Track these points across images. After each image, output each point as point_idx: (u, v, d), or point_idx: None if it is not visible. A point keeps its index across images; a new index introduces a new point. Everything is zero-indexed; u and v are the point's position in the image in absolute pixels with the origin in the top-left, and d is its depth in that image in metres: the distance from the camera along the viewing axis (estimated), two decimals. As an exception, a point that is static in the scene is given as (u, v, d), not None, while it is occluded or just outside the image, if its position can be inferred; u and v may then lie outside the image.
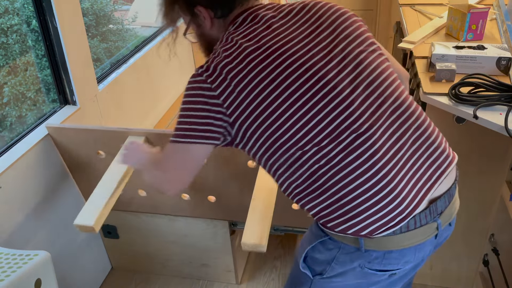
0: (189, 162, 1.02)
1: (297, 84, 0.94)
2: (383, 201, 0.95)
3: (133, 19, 3.93)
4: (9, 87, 2.07)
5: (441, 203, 1.01)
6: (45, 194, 1.69)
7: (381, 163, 0.94)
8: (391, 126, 0.97)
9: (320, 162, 0.95)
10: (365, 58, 0.99)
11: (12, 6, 2.12)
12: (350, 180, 0.95)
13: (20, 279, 0.96)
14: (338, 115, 0.94)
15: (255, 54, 0.95)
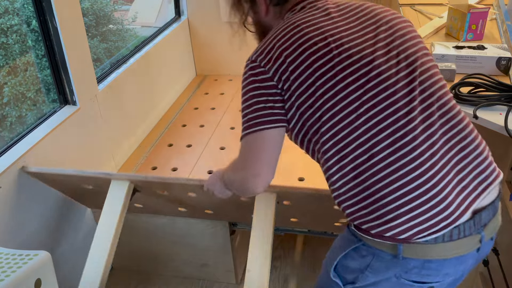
0: (266, 151, 0.99)
1: (355, 76, 0.93)
2: (427, 204, 0.90)
3: (133, 19, 3.94)
4: (9, 87, 2.08)
5: (486, 215, 0.96)
6: (45, 193, 1.69)
7: (427, 166, 0.91)
8: (439, 130, 0.95)
9: (364, 156, 0.92)
10: (420, 62, 0.98)
11: (12, 6, 2.12)
12: (393, 179, 0.91)
13: (20, 279, 0.96)
14: (388, 113, 0.93)
15: (315, 39, 0.95)
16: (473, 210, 0.95)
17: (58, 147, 1.74)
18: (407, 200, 0.91)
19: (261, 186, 1.01)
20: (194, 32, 3.06)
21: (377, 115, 0.92)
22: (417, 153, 0.91)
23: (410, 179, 0.91)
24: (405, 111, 0.93)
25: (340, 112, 0.93)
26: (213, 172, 1.27)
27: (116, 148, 2.16)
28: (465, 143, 0.96)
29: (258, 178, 1.00)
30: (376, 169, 0.92)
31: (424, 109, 0.94)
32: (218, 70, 3.15)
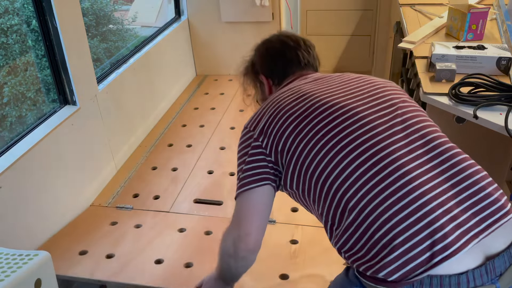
0: (257, 208, 1.07)
1: (327, 120, 0.99)
2: (420, 237, 0.85)
3: (133, 19, 3.94)
4: (9, 87, 2.07)
5: (500, 262, 0.88)
6: (45, 193, 1.69)
7: (422, 201, 0.87)
8: (427, 164, 0.93)
9: (355, 197, 0.91)
10: (400, 105, 1.03)
11: (12, 6, 2.12)
12: (387, 217, 0.87)
13: (20, 279, 0.96)
14: (373, 151, 0.93)
15: (293, 102, 1.06)
16: (485, 255, 0.88)
17: (58, 147, 1.74)
18: (400, 236, 0.86)
19: (253, 244, 1.06)
20: (194, 32, 3.06)
21: (360, 155, 0.94)
22: (410, 188, 0.89)
23: (404, 215, 0.87)
24: (396, 155, 0.93)
25: (323, 158, 0.97)
26: (203, 279, 1.27)
27: (116, 148, 2.16)
28: (461, 177, 0.93)
29: (249, 236, 1.05)
30: (364, 206, 0.90)
31: (412, 147, 0.95)
32: (218, 70, 3.15)
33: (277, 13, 2.87)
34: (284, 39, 1.27)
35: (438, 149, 0.96)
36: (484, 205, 0.90)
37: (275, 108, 1.06)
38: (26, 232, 1.60)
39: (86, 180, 1.94)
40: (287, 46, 1.25)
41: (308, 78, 1.16)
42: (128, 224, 1.80)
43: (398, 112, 1.00)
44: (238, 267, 1.11)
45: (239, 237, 1.06)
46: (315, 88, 1.08)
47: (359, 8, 3.93)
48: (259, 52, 1.31)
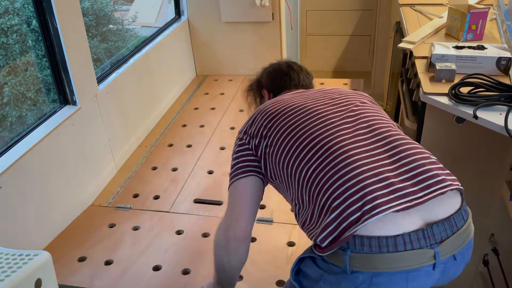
0: (244, 196, 1.19)
1: (292, 117, 1.16)
2: (355, 204, 0.93)
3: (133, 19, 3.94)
4: (9, 87, 2.07)
5: (439, 229, 0.93)
6: (45, 193, 1.69)
7: (358, 171, 0.97)
8: (370, 145, 1.05)
9: (310, 177, 1.04)
10: (355, 107, 1.18)
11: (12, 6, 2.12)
12: (327, 187, 0.98)
13: (20, 279, 0.95)
14: (324, 140, 1.07)
15: (271, 107, 1.23)
16: (425, 221, 0.93)
17: (58, 147, 1.74)
18: (339, 199, 0.95)
19: (241, 231, 1.15)
20: (194, 32, 3.06)
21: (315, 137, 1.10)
22: (349, 161, 1.00)
23: (341, 182, 0.97)
24: (340, 133, 1.08)
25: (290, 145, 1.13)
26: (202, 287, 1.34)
27: (116, 148, 2.16)
28: (403, 155, 1.02)
29: (239, 221, 1.16)
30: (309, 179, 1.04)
31: (355, 129, 1.09)
32: (218, 70, 3.15)
33: (277, 13, 2.87)
34: (290, 63, 1.50)
35: (383, 135, 1.07)
36: (423, 177, 0.97)
37: (258, 113, 1.25)
38: (26, 232, 1.60)
39: (86, 180, 1.94)
40: (292, 68, 1.47)
41: (297, 93, 1.33)
42: (126, 226, 1.80)
43: (353, 110, 1.16)
44: (230, 260, 1.18)
45: (229, 224, 1.17)
46: (293, 98, 1.26)
47: (359, 8, 3.93)
48: (267, 71, 1.52)
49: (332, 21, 4.05)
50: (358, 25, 4.02)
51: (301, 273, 1.06)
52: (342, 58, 4.24)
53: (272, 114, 1.21)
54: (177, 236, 1.73)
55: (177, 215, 1.85)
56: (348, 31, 4.07)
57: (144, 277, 1.54)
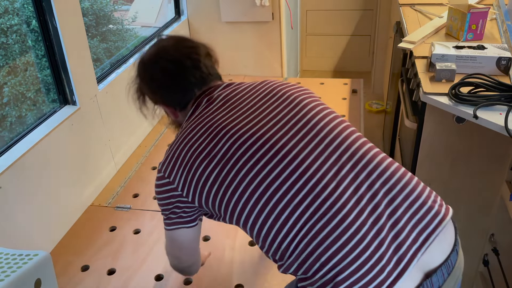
0: (179, 245, 1.11)
1: (239, 153, 0.93)
2: (359, 271, 0.83)
3: (133, 19, 3.93)
4: (9, 87, 2.07)
5: (437, 277, 0.86)
6: (45, 193, 1.69)
7: (353, 229, 0.85)
8: (360, 186, 0.89)
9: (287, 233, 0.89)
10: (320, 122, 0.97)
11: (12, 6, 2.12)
12: (320, 252, 0.85)
13: (20, 279, 0.95)
14: (295, 177, 0.89)
15: (196, 136, 0.99)
16: (424, 272, 0.86)
17: (58, 147, 1.74)
18: (339, 270, 0.84)
19: (195, 271, 1.28)
20: (194, 32, 3.06)
21: (281, 185, 0.90)
22: (340, 217, 0.86)
23: (338, 247, 0.85)
24: (319, 175, 0.89)
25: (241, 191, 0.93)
26: None
27: (116, 148, 2.16)
28: (395, 193, 0.89)
29: (192, 268, 1.23)
30: (299, 241, 0.88)
31: (337, 168, 0.90)
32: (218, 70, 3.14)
33: (277, 13, 2.87)
34: (178, 59, 1.08)
35: (363, 161, 0.92)
36: (421, 216, 0.88)
37: (186, 151, 0.98)
38: (26, 232, 1.59)
39: (86, 180, 1.94)
40: (183, 70, 1.08)
41: (215, 101, 1.05)
42: (127, 229, 1.79)
43: (314, 128, 0.95)
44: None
45: (181, 270, 1.25)
46: (223, 116, 1.00)
47: (359, 8, 3.93)
48: (146, 84, 1.16)
49: (332, 21, 4.05)
50: (358, 25, 4.02)
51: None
52: (342, 58, 4.24)
53: (210, 156, 0.94)
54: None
55: (177, 215, 1.85)
56: (348, 31, 4.07)
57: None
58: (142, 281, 1.55)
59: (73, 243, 1.74)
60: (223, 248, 1.66)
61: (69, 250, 1.70)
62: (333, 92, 2.79)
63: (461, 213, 1.78)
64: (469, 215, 1.78)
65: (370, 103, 3.60)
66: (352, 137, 0.95)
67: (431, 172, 1.73)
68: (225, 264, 1.59)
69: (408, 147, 1.92)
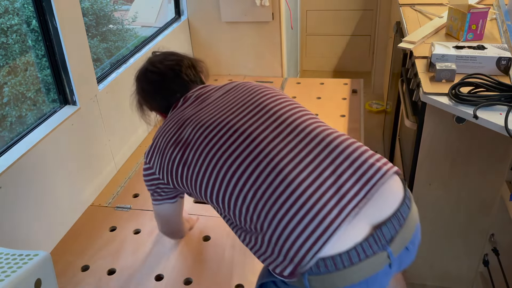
0: (163, 216, 1.40)
1: (205, 143, 1.07)
2: (303, 220, 0.92)
3: (133, 19, 3.93)
4: (9, 87, 2.07)
5: (387, 228, 0.93)
6: (45, 193, 1.69)
7: (300, 190, 0.94)
8: (302, 150, 1.00)
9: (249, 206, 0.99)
10: (278, 108, 1.11)
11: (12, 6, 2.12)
12: (269, 208, 0.95)
13: (20, 279, 0.95)
14: (249, 151, 1.02)
15: (167, 128, 1.18)
16: (372, 225, 0.93)
17: (58, 147, 1.74)
18: (292, 227, 0.92)
19: (181, 237, 1.60)
20: (194, 32, 3.06)
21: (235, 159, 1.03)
22: (288, 182, 0.96)
23: (287, 208, 0.94)
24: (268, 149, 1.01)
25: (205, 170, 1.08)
26: None
27: (116, 148, 2.16)
28: (335, 155, 0.99)
29: (177, 234, 1.55)
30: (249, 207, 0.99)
31: (280, 139, 1.03)
32: (218, 70, 3.15)
33: (277, 13, 2.87)
34: (162, 71, 1.30)
35: (310, 135, 1.04)
36: (362, 172, 0.96)
37: (160, 141, 1.17)
38: (26, 232, 1.59)
39: (86, 180, 1.94)
40: (165, 79, 1.29)
41: (188, 100, 1.23)
42: (127, 229, 1.79)
43: (269, 112, 1.09)
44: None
45: (169, 234, 1.56)
46: (191, 110, 1.17)
47: (359, 8, 3.93)
48: (140, 94, 1.38)
49: (332, 21, 4.05)
50: (358, 25, 4.02)
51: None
52: (342, 58, 4.24)
53: (181, 143, 1.10)
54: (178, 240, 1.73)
55: (177, 215, 1.85)
56: (348, 31, 4.07)
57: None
58: (142, 281, 1.55)
59: (73, 243, 1.74)
60: (223, 248, 1.66)
61: (69, 250, 1.70)
62: (333, 92, 2.79)
63: (461, 213, 1.78)
64: (469, 215, 1.78)
65: (370, 103, 3.61)
66: (299, 117, 1.08)
67: (431, 172, 1.73)
68: (225, 264, 1.59)
69: (408, 147, 1.92)
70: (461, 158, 1.67)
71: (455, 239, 1.85)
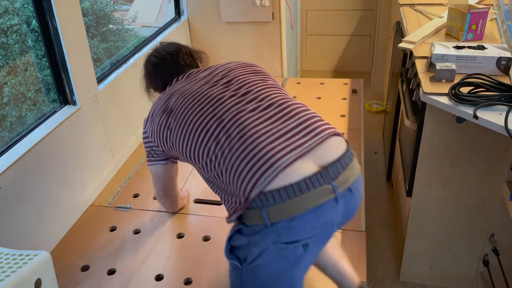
0: (156, 177, 1.60)
1: (185, 108, 1.29)
2: (260, 160, 1.11)
3: (133, 19, 3.94)
4: (9, 87, 2.08)
5: (333, 168, 1.11)
6: (45, 193, 1.69)
7: (257, 141, 1.14)
8: (261, 114, 1.21)
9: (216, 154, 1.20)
10: (242, 78, 1.35)
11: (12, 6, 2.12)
12: (234, 159, 1.15)
13: (20, 279, 0.95)
14: (216, 112, 1.24)
15: (160, 100, 1.41)
16: (319, 165, 1.11)
17: (58, 147, 1.75)
18: (245, 165, 1.13)
19: (161, 202, 1.73)
20: (194, 32, 3.07)
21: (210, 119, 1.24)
22: (244, 132, 1.16)
23: (241, 151, 1.14)
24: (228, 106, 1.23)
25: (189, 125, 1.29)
26: None
27: (116, 148, 2.16)
28: (290, 116, 1.20)
29: (158, 197, 1.67)
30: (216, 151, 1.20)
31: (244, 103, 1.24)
32: (218, 70, 3.14)
33: (277, 13, 2.87)
34: (163, 55, 1.54)
35: (272, 101, 1.24)
36: (309, 130, 1.17)
37: (153, 110, 1.41)
38: (26, 232, 1.60)
39: (86, 180, 1.94)
40: (164, 62, 1.52)
41: (180, 80, 1.45)
42: (127, 229, 1.79)
43: (243, 88, 1.29)
44: None
45: (163, 196, 1.71)
46: (180, 86, 1.38)
47: (359, 8, 3.93)
48: (146, 77, 1.60)
49: (332, 21, 4.05)
50: (358, 25, 4.02)
51: (234, 249, 1.18)
52: (342, 58, 4.24)
53: (167, 110, 1.34)
54: (178, 240, 1.73)
55: (177, 216, 1.85)
56: (348, 31, 4.08)
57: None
58: (142, 281, 1.55)
59: (74, 243, 1.74)
60: (223, 248, 1.66)
61: (70, 250, 1.70)
62: (333, 92, 2.79)
63: (461, 213, 1.78)
64: (469, 215, 1.78)
65: (370, 103, 3.61)
66: (264, 88, 1.29)
67: (431, 172, 1.73)
68: (225, 264, 1.59)
69: (408, 147, 1.92)
70: (461, 158, 1.67)
71: (455, 239, 1.85)
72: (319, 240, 1.14)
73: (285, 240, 1.08)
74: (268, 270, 1.12)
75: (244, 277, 1.17)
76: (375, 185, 2.71)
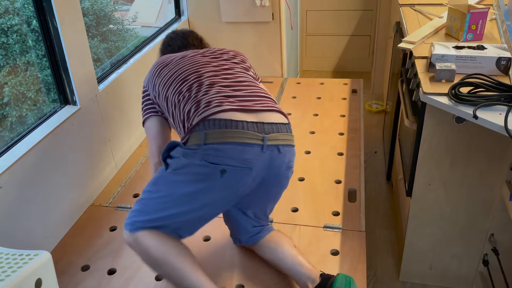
0: (147, 130, 1.68)
1: (173, 68, 1.59)
2: (212, 103, 1.38)
3: (133, 19, 3.94)
4: (9, 87, 2.08)
5: (268, 126, 1.36)
6: (45, 193, 1.69)
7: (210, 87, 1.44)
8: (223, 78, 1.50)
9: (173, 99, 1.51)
10: (223, 58, 1.64)
11: (12, 6, 2.12)
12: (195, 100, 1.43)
13: (20, 279, 0.96)
14: (195, 74, 1.52)
15: (158, 64, 1.66)
16: (259, 120, 1.35)
17: (58, 147, 1.75)
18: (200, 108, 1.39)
19: (152, 155, 1.66)
20: (194, 32, 3.06)
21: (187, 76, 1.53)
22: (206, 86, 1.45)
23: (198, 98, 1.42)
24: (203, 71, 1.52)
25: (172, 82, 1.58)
26: None
27: (116, 148, 2.16)
28: (249, 92, 1.46)
29: (150, 150, 1.67)
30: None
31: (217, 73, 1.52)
32: (218, 70, 3.14)
33: (277, 13, 2.87)
34: (178, 34, 1.89)
35: (234, 76, 1.53)
36: (259, 101, 1.42)
37: (153, 66, 1.66)
38: (26, 233, 1.60)
39: (87, 180, 1.94)
40: (176, 38, 1.87)
41: (179, 53, 1.69)
42: None
43: (224, 63, 1.59)
44: None
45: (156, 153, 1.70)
46: (181, 56, 1.64)
47: (359, 8, 3.94)
48: (162, 51, 1.89)
49: (332, 21, 4.06)
50: (358, 25, 4.02)
51: (168, 158, 1.38)
52: (342, 58, 4.24)
53: (160, 68, 1.62)
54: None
55: (177, 215, 1.85)
56: (348, 31, 4.08)
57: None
58: (142, 281, 1.55)
59: (74, 243, 1.74)
60: (223, 248, 1.67)
61: (70, 250, 1.71)
62: (333, 92, 2.80)
63: (461, 213, 1.78)
64: (469, 215, 1.78)
65: (370, 103, 3.61)
66: (233, 67, 1.58)
67: (431, 172, 1.73)
68: (225, 264, 1.60)
69: (408, 147, 1.92)
70: (461, 158, 1.67)
71: (455, 239, 1.85)
72: (236, 178, 1.31)
73: (210, 160, 1.28)
74: (181, 182, 1.32)
75: (160, 179, 1.38)
76: (375, 185, 2.71)
